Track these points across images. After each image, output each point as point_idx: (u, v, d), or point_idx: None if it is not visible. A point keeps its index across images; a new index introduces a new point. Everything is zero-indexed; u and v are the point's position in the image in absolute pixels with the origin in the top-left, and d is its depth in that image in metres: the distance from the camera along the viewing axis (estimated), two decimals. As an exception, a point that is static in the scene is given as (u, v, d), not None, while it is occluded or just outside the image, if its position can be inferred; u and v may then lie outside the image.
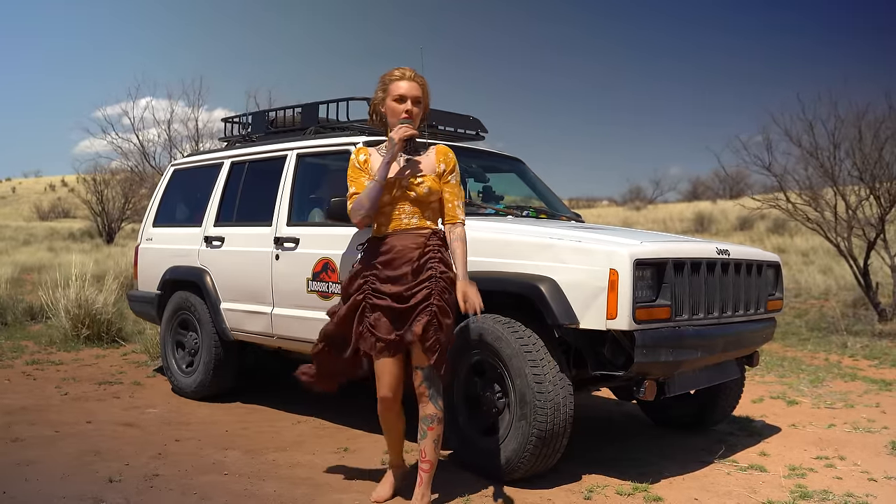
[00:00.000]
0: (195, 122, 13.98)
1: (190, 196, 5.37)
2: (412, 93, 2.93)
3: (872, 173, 7.73)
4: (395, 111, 2.94)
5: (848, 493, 3.23)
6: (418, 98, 2.95)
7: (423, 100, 2.97)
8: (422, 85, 2.98)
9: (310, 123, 4.60)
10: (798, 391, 5.30)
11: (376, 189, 2.86)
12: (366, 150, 3.05)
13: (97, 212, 23.93)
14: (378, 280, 2.90)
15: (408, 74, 2.96)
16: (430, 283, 2.85)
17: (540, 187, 4.83)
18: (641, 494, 3.20)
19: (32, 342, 6.83)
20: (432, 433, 2.91)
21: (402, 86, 2.94)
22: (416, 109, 2.94)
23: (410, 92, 2.93)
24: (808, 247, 14.10)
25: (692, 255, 3.35)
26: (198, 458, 3.63)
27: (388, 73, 2.99)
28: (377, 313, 2.89)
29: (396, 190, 2.90)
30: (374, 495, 3.12)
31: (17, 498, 3.03)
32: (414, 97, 2.94)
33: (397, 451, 3.18)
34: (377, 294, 2.89)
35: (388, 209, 2.92)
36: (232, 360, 4.82)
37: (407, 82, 2.94)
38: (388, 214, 2.93)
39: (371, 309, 2.91)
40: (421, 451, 2.93)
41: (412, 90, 2.94)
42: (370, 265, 2.93)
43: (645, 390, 3.21)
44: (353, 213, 2.91)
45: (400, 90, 2.93)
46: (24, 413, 4.44)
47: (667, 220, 23.49)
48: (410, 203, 2.92)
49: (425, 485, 2.95)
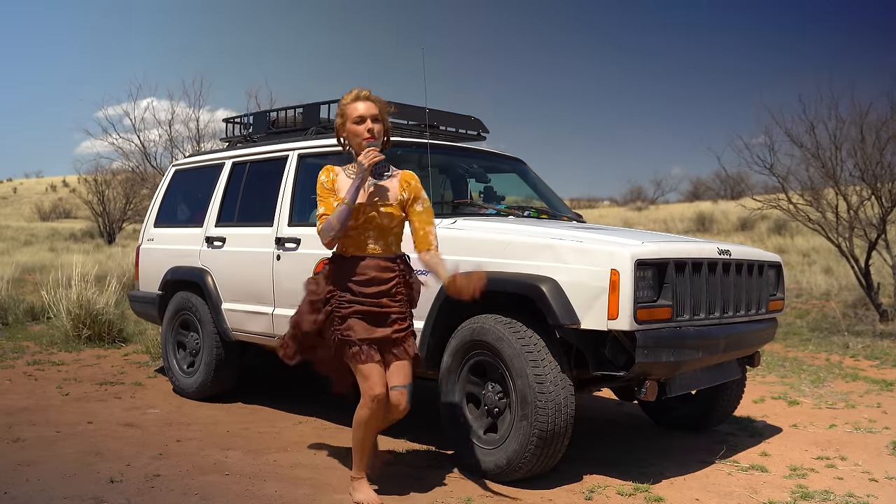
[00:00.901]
0: (196, 123, 13.98)
1: (191, 196, 5.38)
2: (369, 112, 3.01)
3: (874, 173, 7.72)
4: (357, 132, 3.01)
5: (849, 494, 3.23)
6: (376, 115, 3.02)
7: (381, 117, 3.04)
8: (377, 102, 3.05)
9: (311, 124, 4.61)
10: (799, 391, 5.30)
11: (346, 212, 2.92)
12: (333, 168, 3.09)
13: (98, 212, 23.93)
14: (351, 294, 2.97)
15: (362, 95, 3.04)
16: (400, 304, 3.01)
17: (541, 187, 4.83)
18: (642, 495, 3.20)
19: (33, 342, 6.84)
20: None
21: (358, 107, 3.02)
22: (377, 126, 3.01)
23: (368, 111, 3.00)
24: (810, 247, 14.09)
25: (693, 256, 3.35)
26: (199, 459, 3.63)
27: (343, 98, 3.07)
28: (352, 320, 2.96)
29: (361, 216, 2.98)
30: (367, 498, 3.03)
31: (18, 498, 3.03)
32: (372, 115, 3.01)
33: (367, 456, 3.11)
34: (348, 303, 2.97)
35: (353, 233, 3.00)
36: (233, 360, 4.82)
37: (362, 102, 3.03)
38: (353, 238, 3.01)
39: (341, 320, 2.97)
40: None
41: (369, 109, 3.01)
42: (341, 285, 2.99)
43: (646, 390, 3.21)
44: (323, 233, 2.97)
45: (357, 112, 3.01)
46: (25, 413, 4.45)
47: (668, 220, 23.46)
48: (374, 229, 3.00)
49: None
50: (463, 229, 3.61)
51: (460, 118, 4.88)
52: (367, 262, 2.98)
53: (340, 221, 2.92)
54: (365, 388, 2.95)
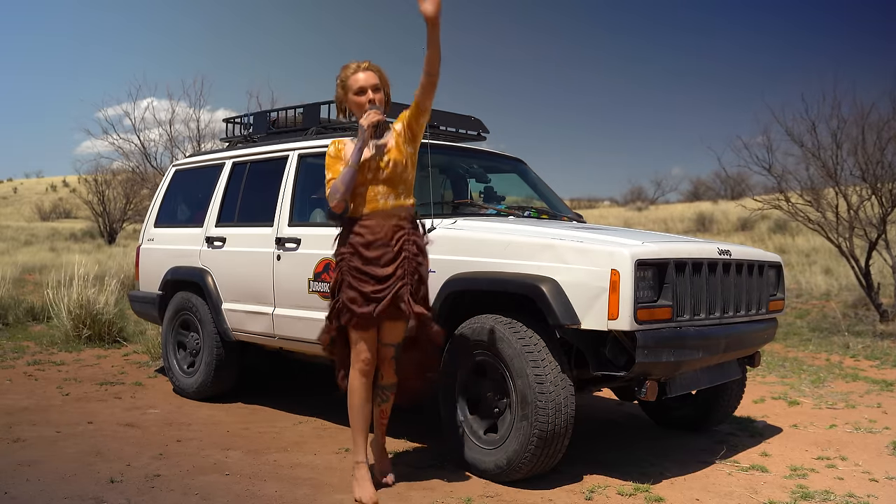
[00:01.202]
0: (196, 123, 13.98)
1: (191, 196, 5.38)
2: (370, 81, 3.10)
3: (875, 173, 7.72)
4: (359, 103, 3.12)
5: (849, 494, 3.23)
6: (377, 85, 3.11)
7: (381, 86, 3.13)
8: (377, 72, 3.14)
9: (311, 124, 4.61)
10: (799, 392, 5.29)
11: (350, 173, 3.03)
12: (342, 139, 3.21)
13: (98, 212, 23.94)
14: (356, 259, 3.07)
15: (363, 66, 3.13)
16: (404, 263, 3.06)
17: (541, 188, 4.83)
18: (643, 495, 3.19)
19: (34, 343, 6.84)
20: (392, 398, 3.30)
21: (359, 77, 3.11)
22: (378, 96, 3.11)
23: (368, 81, 3.09)
24: (810, 247, 14.08)
25: (694, 256, 3.35)
26: (199, 459, 3.63)
27: (342, 69, 3.16)
28: (354, 291, 3.06)
29: (368, 172, 3.07)
30: (365, 496, 3.04)
31: (18, 498, 3.03)
32: (372, 85, 3.10)
33: (366, 436, 3.18)
34: (355, 272, 3.06)
35: (362, 190, 3.09)
36: (233, 360, 4.82)
37: (363, 72, 3.11)
38: (363, 195, 3.10)
39: (348, 286, 3.07)
40: (381, 411, 3.30)
41: (369, 79, 3.10)
42: (348, 244, 3.10)
43: (646, 391, 3.21)
44: (330, 196, 3.07)
45: (358, 83, 3.10)
46: (25, 413, 4.45)
47: (668, 220, 23.46)
48: (384, 184, 3.09)
49: (384, 436, 3.37)
50: (463, 229, 3.60)
51: (460, 118, 4.88)
52: (377, 219, 3.07)
53: (345, 183, 3.02)
54: (354, 352, 3.14)
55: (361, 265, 3.05)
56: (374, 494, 3.07)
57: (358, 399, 3.15)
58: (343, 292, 3.09)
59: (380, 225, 3.06)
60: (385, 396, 3.27)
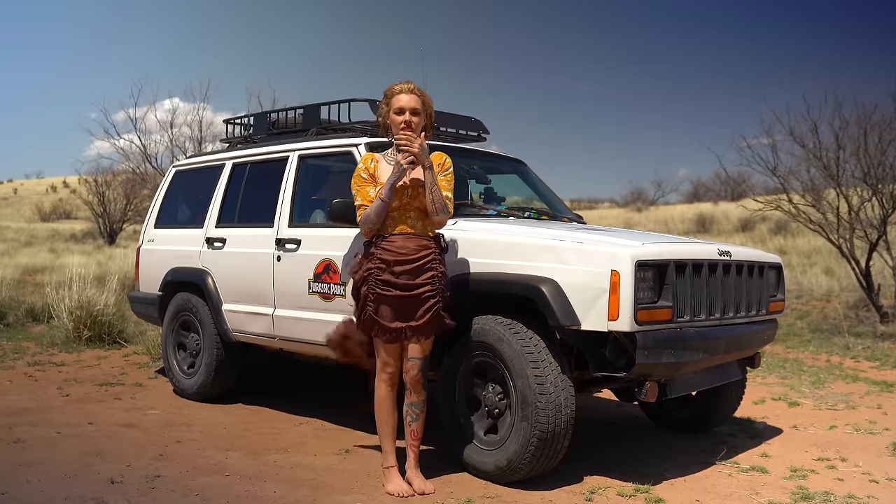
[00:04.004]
0: (199, 124, 14.00)
1: (192, 197, 5.38)
2: (410, 104, 3.21)
3: (876, 175, 7.72)
4: (396, 122, 3.23)
5: (849, 495, 3.23)
6: (416, 109, 3.22)
7: (422, 110, 3.24)
8: (420, 96, 3.25)
9: (312, 125, 4.61)
10: (800, 392, 5.29)
11: (383, 208, 3.15)
12: (373, 156, 3.29)
13: (99, 213, 23.91)
14: (383, 273, 3.15)
15: (406, 88, 3.25)
16: (432, 281, 3.16)
17: (541, 188, 4.83)
18: (643, 496, 3.20)
19: (34, 343, 6.84)
20: (423, 415, 3.28)
21: (401, 98, 3.23)
22: (415, 119, 3.21)
23: (408, 104, 3.21)
24: (810, 248, 14.06)
25: (694, 257, 3.35)
26: (199, 460, 3.63)
27: (390, 87, 3.28)
28: (383, 306, 3.16)
29: (405, 197, 3.18)
30: (396, 489, 3.17)
31: (18, 499, 3.04)
32: (412, 108, 3.21)
33: (394, 441, 3.27)
34: (383, 285, 3.14)
35: (395, 214, 3.20)
36: (233, 361, 4.82)
37: (406, 95, 3.23)
38: (395, 218, 3.20)
39: (375, 300, 3.16)
40: (412, 431, 3.27)
41: (410, 102, 3.21)
42: (375, 259, 3.18)
43: (646, 392, 3.22)
44: (362, 224, 3.20)
45: (399, 103, 3.22)
46: (25, 414, 4.45)
47: (668, 221, 23.45)
48: (414, 210, 3.20)
49: (417, 459, 3.29)
50: (464, 230, 3.60)
51: (461, 119, 4.87)
52: (405, 240, 3.17)
53: (378, 216, 3.15)
54: (379, 363, 3.24)
55: (391, 278, 3.14)
56: (408, 488, 3.17)
57: (385, 409, 3.25)
58: (371, 306, 3.17)
59: (407, 244, 3.17)
60: (415, 415, 3.26)
